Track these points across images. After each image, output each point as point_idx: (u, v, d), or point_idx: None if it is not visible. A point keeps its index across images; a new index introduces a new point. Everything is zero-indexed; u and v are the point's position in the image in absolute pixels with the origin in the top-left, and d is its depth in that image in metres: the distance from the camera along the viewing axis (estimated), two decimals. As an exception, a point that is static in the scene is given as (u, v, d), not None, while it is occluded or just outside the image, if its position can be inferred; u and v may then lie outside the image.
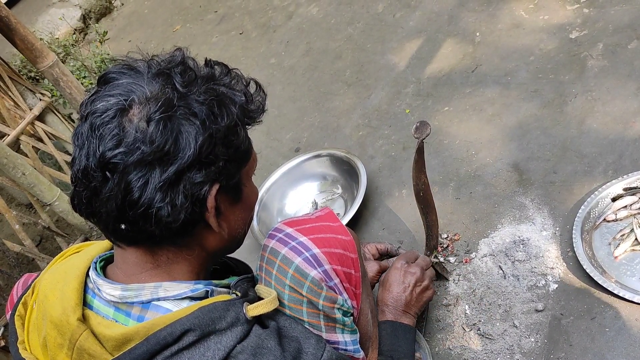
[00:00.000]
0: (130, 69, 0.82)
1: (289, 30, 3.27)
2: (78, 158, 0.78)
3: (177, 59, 0.83)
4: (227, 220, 0.88)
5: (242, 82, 0.87)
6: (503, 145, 1.90)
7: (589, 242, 1.50)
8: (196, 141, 0.76)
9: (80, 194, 0.79)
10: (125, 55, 0.86)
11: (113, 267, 0.89)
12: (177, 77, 0.79)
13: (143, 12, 4.69)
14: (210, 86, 0.81)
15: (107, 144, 0.75)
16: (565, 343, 1.36)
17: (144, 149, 0.74)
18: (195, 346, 0.77)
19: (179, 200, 0.77)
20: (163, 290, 0.83)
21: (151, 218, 0.76)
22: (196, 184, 0.78)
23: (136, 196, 0.75)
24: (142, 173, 0.75)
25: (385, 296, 1.31)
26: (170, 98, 0.77)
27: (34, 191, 2.26)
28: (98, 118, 0.76)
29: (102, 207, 0.78)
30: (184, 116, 0.77)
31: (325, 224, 1.03)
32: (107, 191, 0.76)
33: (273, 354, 0.80)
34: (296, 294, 0.95)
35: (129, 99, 0.77)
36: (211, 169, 0.79)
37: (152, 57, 0.85)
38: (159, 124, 0.75)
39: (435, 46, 2.49)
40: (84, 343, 0.79)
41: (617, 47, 1.97)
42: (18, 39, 2.32)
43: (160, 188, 0.75)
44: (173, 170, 0.75)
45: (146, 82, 0.79)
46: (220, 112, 0.79)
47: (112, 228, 0.80)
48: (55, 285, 0.87)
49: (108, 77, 0.82)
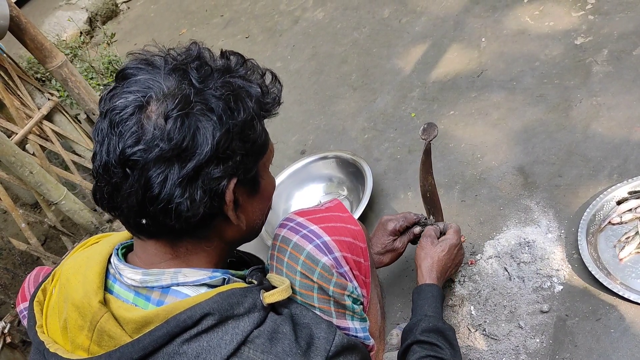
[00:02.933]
0: (147, 64, 0.83)
1: (295, 34, 3.29)
2: (99, 154, 0.79)
3: (193, 53, 0.84)
4: (245, 211, 0.90)
5: (258, 72, 0.87)
6: (508, 149, 1.91)
7: (594, 244, 1.51)
8: (213, 137, 0.77)
9: (102, 189, 0.81)
10: (142, 49, 0.87)
11: (133, 255, 0.91)
12: (194, 73, 0.80)
13: (149, 15, 4.72)
14: (227, 79, 0.82)
15: (126, 141, 0.76)
16: (571, 344, 1.37)
17: (162, 146, 0.75)
18: (213, 330, 0.78)
19: (197, 195, 0.78)
20: (182, 276, 0.84)
21: (171, 213, 0.78)
22: (214, 179, 0.79)
23: (156, 192, 0.77)
24: (162, 169, 0.76)
25: (437, 260, 1.41)
26: (187, 94, 0.78)
27: (41, 190, 2.27)
28: (117, 115, 0.78)
29: (123, 203, 0.79)
30: (201, 112, 0.78)
31: (335, 214, 1.05)
32: (127, 187, 0.77)
33: (288, 339, 0.81)
34: (307, 280, 0.96)
35: (147, 95, 0.78)
36: (229, 163, 0.80)
37: (169, 50, 0.85)
38: (176, 121, 0.76)
39: (440, 51, 2.51)
40: (104, 325, 0.81)
41: (622, 53, 1.98)
42: (28, 39, 2.34)
43: (179, 184, 0.77)
44: (191, 166, 0.77)
45: (163, 78, 0.80)
46: (237, 106, 0.80)
47: (133, 222, 0.82)
48: (78, 270, 0.88)
49: (126, 73, 0.83)
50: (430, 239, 1.46)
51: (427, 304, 1.29)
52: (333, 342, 0.85)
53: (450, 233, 1.48)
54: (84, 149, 2.67)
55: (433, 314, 1.27)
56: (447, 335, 1.22)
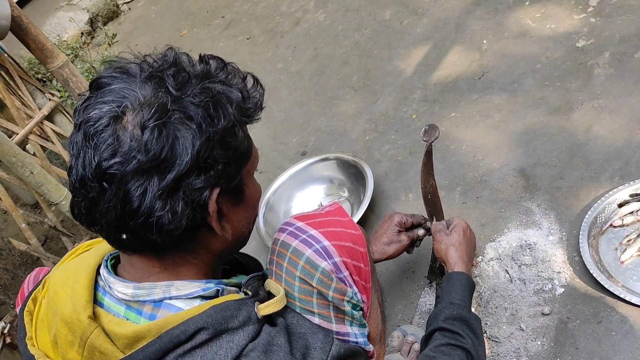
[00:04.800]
0: (122, 72, 0.79)
1: (296, 35, 3.30)
2: (75, 167, 0.76)
3: (169, 60, 0.80)
4: (231, 221, 0.86)
5: (238, 76, 0.84)
6: (509, 151, 1.91)
7: (595, 247, 1.51)
8: (193, 146, 0.74)
9: (79, 204, 0.77)
10: (116, 57, 0.84)
11: (122, 268, 0.88)
12: (170, 80, 0.77)
13: (150, 16, 4.73)
14: (206, 85, 0.78)
15: (102, 154, 0.73)
16: (572, 346, 1.36)
17: (140, 157, 0.72)
18: (207, 345, 0.76)
19: (179, 207, 0.75)
20: (175, 289, 0.82)
21: (152, 227, 0.75)
22: (196, 190, 0.76)
23: (135, 206, 0.73)
24: (140, 182, 0.73)
25: (461, 248, 1.37)
26: (163, 103, 0.74)
27: (42, 190, 2.27)
28: (92, 127, 0.74)
29: (102, 218, 0.76)
30: (180, 121, 0.74)
31: (334, 218, 1.04)
32: (105, 202, 0.74)
33: (283, 350, 0.79)
34: (306, 285, 0.95)
35: (122, 105, 0.74)
36: (210, 173, 0.77)
37: (145, 57, 0.82)
38: (153, 131, 0.72)
39: (442, 53, 2.51)
40: (95, 341, 0.79)
41: (624, 56, 1.98)
42: (29, 39, 2.34)
43: (159, 196, 0.73)
44: (171, 177, 0.73)
45: (139, 87, 0.76)
46: (217, 113, 0.77)
47: (113, 238, 0.79)
48: (66, 282, 0.86)
49: (100, 82, 0.79)
50: (442, 232, 1.44)
51: (454, 291, 1.25)
52: (330, 352, 0.83)
53: (456, 220, 1.47)
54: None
55: (459, 302, 1.23)
56: (471, 324, 1.18)
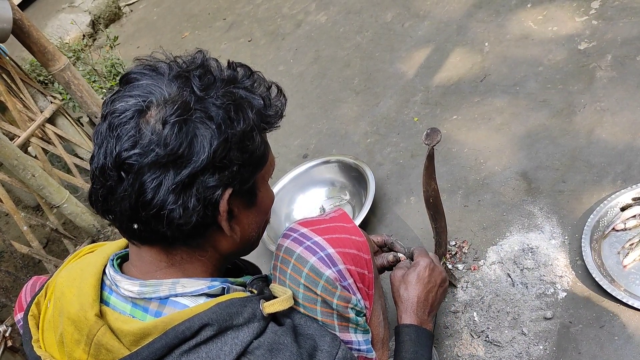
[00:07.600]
0: (151, 70, 0.83)
1: (298, 38, 3.29)
2: (97, 156, 0.79)
3: (197, 62, 0.84)
4: (240, 223, 0.88)
5: (263, 85, 0.87)
6: (511, 154, 1.91)
7: (598, 251, 1.50)
8: (211, 145, 0.77)
9: (97, 192, 0.81)
10: (149, 55, 0.87)
11: (129, 264, 0.90)
12: (196, 80, 0.80)
13: (152, 19, 4.73)
14: (229, 89, 0.81)
15: (123, 145, 0.76)
16: (574, 351, 1.36)
17: (158, 151, 0.75)
18: (212, 341, 0.78)
19: (191, 203, 0.77)
20: (181, 286, 0.84)
21: (163, 219, 0.77)
22: (209, 188, 0.78)
23: (149, 197, 0.76)
24: (156, 175, 0.76)
25: (411, 295, 1.15)
26: (187, 101, 0.77)
27: (43, 193, 2.27)
28: (116, 118, 0.78)
29: (116, 206, 0.79)
30: (200, 119, 0.77)
31: (339, 224, 1.03)
32: (121, 191, 0.77)
33: (289, 350, 0.80)
34: (311, 293, 0.95)
35: (147, 100, 0.78)
36: (225, 173, 0.79)
37: (175, 58, 0.85)
38: (174, 126, 0.75)
39: (443, 55, 2.50)
40: (101, 338, 0.80)
41: (626, 59, 1.98)
42: (31, 42, 2.34)
43: (173, 190, 0.76)
44: (186, 173, 0.76)
45: (165, 84, 0.80)
46: (237, 116, 0.80)
47: (125, 227, 0.82)
48: (72, 282, 0.87)
49: (130, 77, 0.83)
50: (400, 272, 1.21)
51: (403, 349, 1.10)
52: (336, 356, 0.84)
53: (416, 258, 1.23)
54: (86, 152, 2.67)
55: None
56: None
